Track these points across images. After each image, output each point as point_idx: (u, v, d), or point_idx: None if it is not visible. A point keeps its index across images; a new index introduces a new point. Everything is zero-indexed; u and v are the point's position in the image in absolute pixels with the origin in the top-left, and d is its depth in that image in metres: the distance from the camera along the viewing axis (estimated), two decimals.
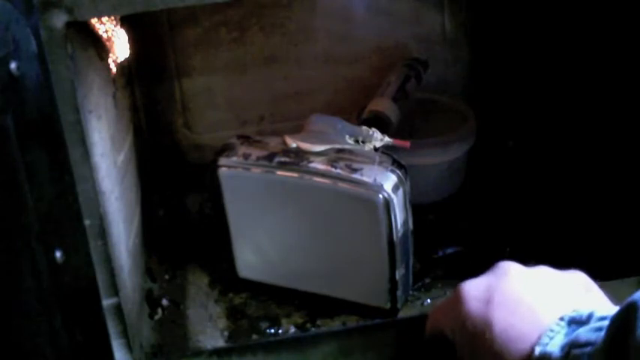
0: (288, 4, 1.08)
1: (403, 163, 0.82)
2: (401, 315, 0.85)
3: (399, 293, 0.84)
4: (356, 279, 0.85)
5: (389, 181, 0.79)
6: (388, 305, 0.84)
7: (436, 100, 1.10)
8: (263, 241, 0.88)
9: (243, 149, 0.85)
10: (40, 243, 0.63)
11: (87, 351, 0.68)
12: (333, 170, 0.81)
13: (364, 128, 0.82)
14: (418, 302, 0.88)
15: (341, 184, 0.80)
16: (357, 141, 0.82)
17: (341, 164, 0.81)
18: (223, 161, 0.85)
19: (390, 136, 0.82)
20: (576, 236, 0.91)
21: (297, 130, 0.85)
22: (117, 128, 0.85)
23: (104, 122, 0.76)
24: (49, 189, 0.62)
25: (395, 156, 0.82)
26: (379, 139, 0.82)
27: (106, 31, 0.81)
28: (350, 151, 0.82)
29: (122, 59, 0.88)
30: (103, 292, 0.68)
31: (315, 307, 0.87)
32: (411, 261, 0.85)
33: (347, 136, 0.82)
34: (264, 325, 0.86)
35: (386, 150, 0.83)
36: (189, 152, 1.14)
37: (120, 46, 0.86)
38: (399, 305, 0.85)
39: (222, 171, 0.85)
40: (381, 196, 0.79)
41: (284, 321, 0.87)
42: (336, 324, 0.86)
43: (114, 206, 0.77)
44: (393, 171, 0.80)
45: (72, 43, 0.62)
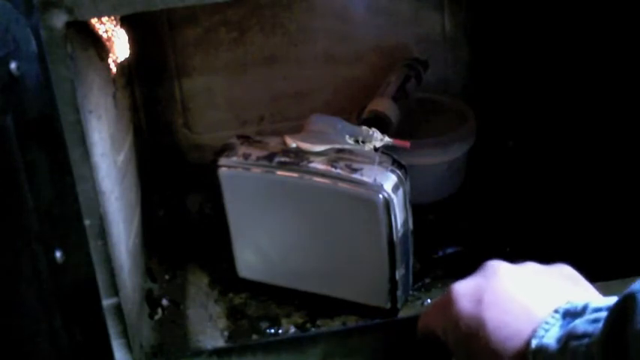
0: (288, 4, 1.08)
1: (403, 163, 0.82)
2: (401, 315, 0.85)
3: (399, 293, 0.84)
4: (356, 279, 0.85)
5: (389, 181, 0.79)
6: (388, 305, 0.84)
7: (436, 100, 1.10)
8: (263, 241, 0.88)
9: (243, 149, 0.85)
10: (40, 243, 0.63)
11: (87, 351, 0.68)
12: (333, 170, 0.81)
13: (364, 128, 0.82)
14: (418, 302, 0.88)
15: (341, 184, 0.80)
16: (357, 141, 0.82)
17: (341, 164, 0.81)
18: (223, 161, 0.85)
19: (390, 136, 0.82)
20: (576, 236, 0.91)
21: (297, 130, 0.85)
22: (117, 128, 0.85)
23: (104, 122, 0.76)
24: (49, 189, 0.62)
25: (395, 156, 0.82)
26: (379, 139, 0.82)
27: (106, 31, 0.81)
28: (350, 151, 0.82)
29: (122, 59, 0.88)
30: (103, 292, 0.68)
31: (315, 307, 0.87)
32: (411, 261, 0.85)
33: (347, 136, 0.82)
34: (264, 325, 0.86)
35: (386, 150, 0.82)
36: (189, 152, 1.14)
37: (120, 46, 0.86)
38: (399, 305, 0.85)
39: (222, 171, 0.85)
40: (381, 196, 0.79)
41: (284, 321, 0.87)
42: (336, 324, 0.86)
43: (114, 206, 0.77)
44: (393, 171, 0.80)
45: (72, 43, 0.62)
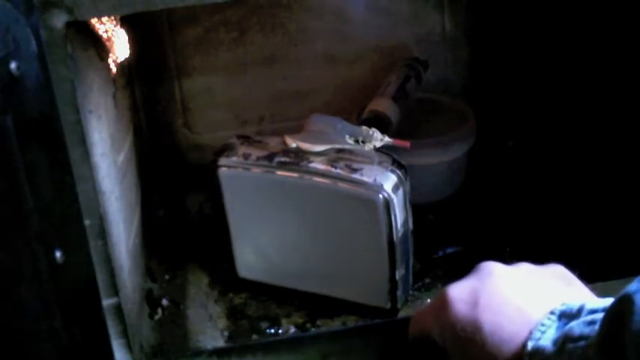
0: (288, 4, 1.08)
1: (403, 163, 0.82)
2: (401, 315, 0.85)
3: (399, 293, 0.84)
4: (356, 279, 0.85)
5: (389, 181, 0.79)
6: (388, 305, 0.84)
7: (436, 100, 1.10)
8: (263, 241, 0.88)
9: (243, 149, 0.85)
10: (40, 243, 0.63)
11: (87, 351, 0.68)
12: (333, 170, 0.81)
13: (364, 128, 0.82)
14: (418, 302, 0.88)
15: (341, 184, 0.80)
16: (357, 141, 0.81)
17: (341, 164, 0.81)
18: (223, 161, 0.85)
19: (390, 136, 0.82)
20: (576, 236, 0.91)
21: (297, 130, 0.85)
22: (117, 128, 0.85)
23: (104, 122, 0.76)
24: (49, 189, 0.62)
25: (395, 156, 0.82)
26: (379, 139, 0.81)
27: (106, 31, 0.81)
28: (350, 151, 0.82)
29: (122, 59, 0.88)
30: (103, 292, 0.68)
31: (315, 307, 0.87)
32: (411, 261, 0.85)
33: (347, 136, 0.82)
34: (264, 325, 0.86)
35: (386, 150, 0.82)
36: (189, 152, 1.14)
37: (120, 46, 0.86)
38: (399, 305, 0.85)
39: (222, 171, 0.85)
40: (381, 196, 0.79)
41: (284, 321, 0.87)
42: (336, 324, 0.86)
43: (114, 206, 0.77)
44: (393, 171, 0.80)
45: (72, 43, 0.62)
